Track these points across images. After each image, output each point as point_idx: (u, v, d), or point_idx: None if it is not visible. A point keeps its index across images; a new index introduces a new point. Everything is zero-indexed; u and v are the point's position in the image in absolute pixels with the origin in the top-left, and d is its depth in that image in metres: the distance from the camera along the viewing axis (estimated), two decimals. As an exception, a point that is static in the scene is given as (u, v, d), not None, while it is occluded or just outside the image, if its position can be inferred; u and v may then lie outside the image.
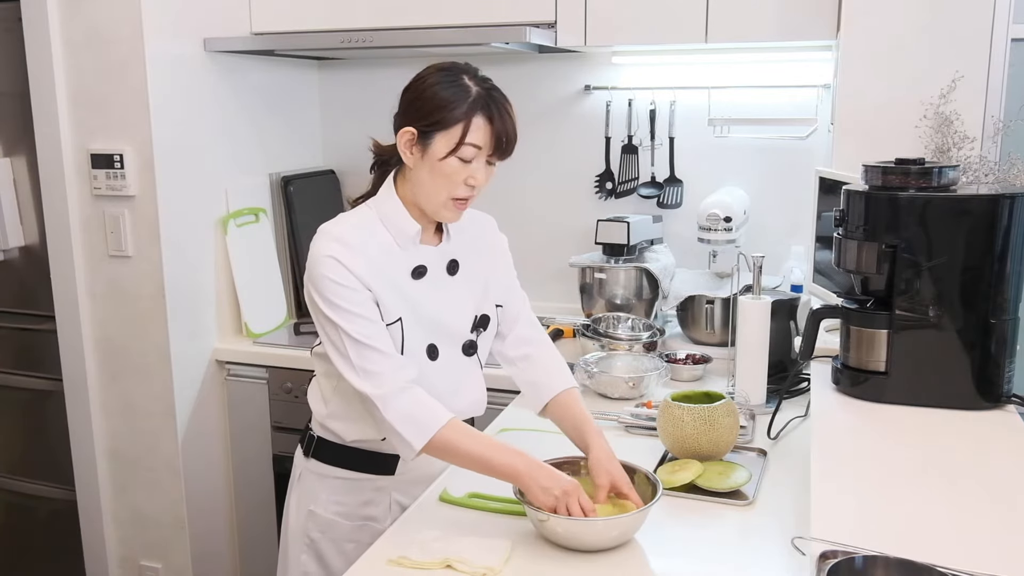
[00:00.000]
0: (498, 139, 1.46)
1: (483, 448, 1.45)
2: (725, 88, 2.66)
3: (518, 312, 1.72)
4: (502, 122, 1.45)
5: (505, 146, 1.47)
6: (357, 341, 1.45)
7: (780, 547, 1.41)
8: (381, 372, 1.45)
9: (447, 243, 1.60)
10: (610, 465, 1.48)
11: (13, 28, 2.48)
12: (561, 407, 1.64)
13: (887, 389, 1.68)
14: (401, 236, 1.53)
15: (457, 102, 1.43)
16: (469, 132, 1.43)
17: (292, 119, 3.01)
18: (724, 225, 2.46)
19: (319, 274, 1.46)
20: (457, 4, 2.51)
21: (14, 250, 2.71)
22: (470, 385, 1.64)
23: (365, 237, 1.50)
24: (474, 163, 1.46)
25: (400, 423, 1.44)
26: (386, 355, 1.46)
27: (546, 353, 1.73)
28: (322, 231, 1.51)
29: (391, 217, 1.53)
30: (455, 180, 1.46)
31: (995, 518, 1.24)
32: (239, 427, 2.70)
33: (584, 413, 1.62)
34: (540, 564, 1.36)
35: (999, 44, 2.02)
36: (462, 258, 1.61)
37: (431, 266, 1.56)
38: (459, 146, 1.44)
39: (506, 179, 2.94)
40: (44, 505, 2.83)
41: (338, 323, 1.46)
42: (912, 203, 1.64)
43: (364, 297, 1.47)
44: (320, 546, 1.65)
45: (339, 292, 1.45)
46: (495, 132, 1.45)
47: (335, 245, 1.47)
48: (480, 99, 1.44)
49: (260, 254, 2.82)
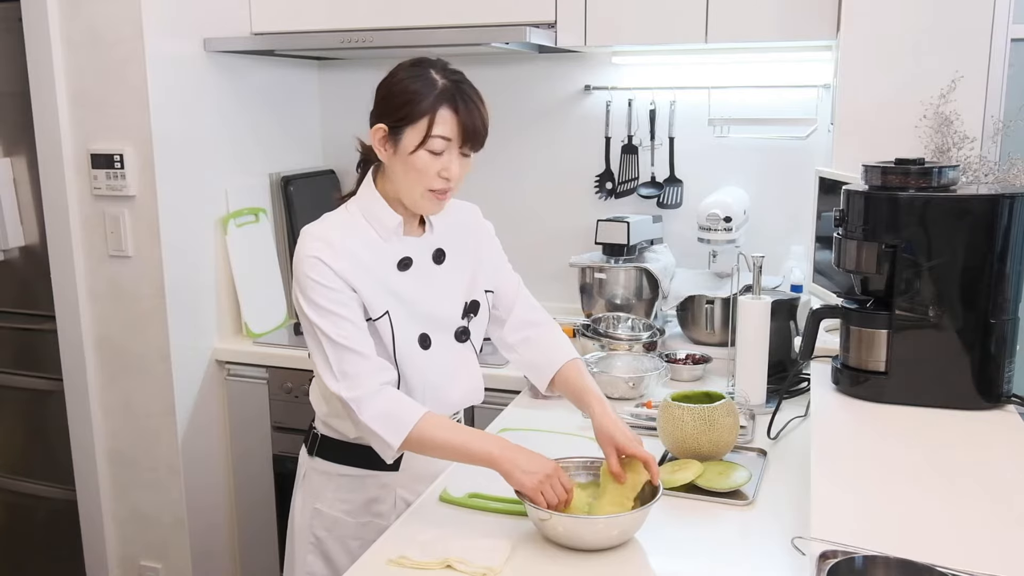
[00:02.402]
0: (465, 130, 1.46)
1: (461, 438, 1.46)
2: (725, 88, 2.66)
3: (514, 296, 1.72)
4: (468, 113, 1.46)
5: (475, 137, 1.48)
6: (335, 342, 1.46)
7: (780, 547, 1.41)
8: (357, 374, 1.46)
9: (431, 233, 1.61)
10: (613, 429, 1.49)
11: (13, 28, 2.49)
12: (563, 381, 1.66)
13: (887, 389, 1.68)
14: (383, 230, 1.55)
15: (423, 96, 1.44)
16: (435, 124, 1.44)
17: (292, 119, 3.01)
18: (724, 225, 2.46)
19: (302, 274, 1.48)
20: (457, 4, 2.51)
21: (14, 250, 2.71)
22: (466, 373, 1.65)
23: (348, 234, 1.52)
24: (445, 155, 1.47)
25: (376, 423, 1.45)
26: (364, 357, 1.48)
27: (547, 333, 1.73)
28: (305, 232, 1.53)
29: (372, 212, 1.55)
30: (428, 173, 1.47)
31: (995, 518, 1.24)
32: (239, 427, 2.70)
33: (585, 382, 1.63)
34: (540, 564, 1.36)
35: (999, 44, 2.02)
36: (448, 246, 1.63)
37: (416, 257, 1.58)
38: (426, 139, 1.45)
39: (506, 179, 2.95)
40: (44, 505, 2.83)
41: (318, 324, 1.47)
42: (912, 203, 1.64)
43: (347, 297, 1.48)
44: (326, 545, 1.65)
45: (321, 292, 1.47)
46: (461, 123, 1.45)
47: (318, 244, 1.49)
48: (446, 91, 1.45)
49: (260, 254, 2.82)
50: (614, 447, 1.48)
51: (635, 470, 1.47)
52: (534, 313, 1.74)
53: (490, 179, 2.93)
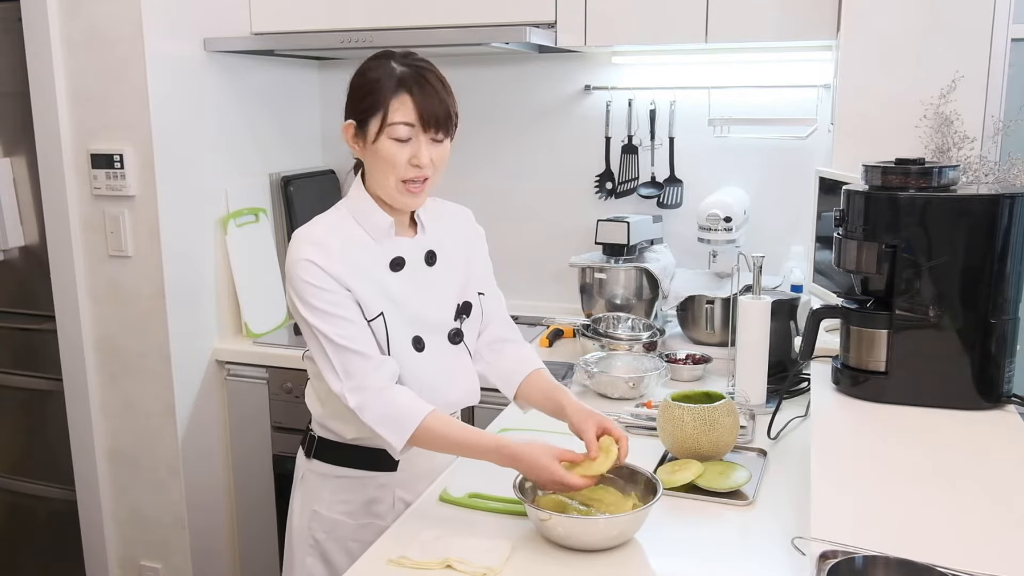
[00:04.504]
0: (424, 113, 1.46)
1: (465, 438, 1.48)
2: (725, 88, 2.66)
3: (493, 311, 1.73)
4: (424, 96, 1.46)
5: (435, 120, 1.47)
6: (335, 344, 1.47)
7: (780, 547, 1.41)
8: (360, 374, 1.47)
9: (423, 235, 1.61)
10: (591, 415, 1.50)
11: (13, 28, 2.48)
12: (531, 384, 1.66)
13: (887, 389, 1.68)
14: (375, 230, 1.55)
15: (380, 84, 1.46)
16: (393, 110, 1.45)
17: (292, 119, 3.01)
18: (724, 225, 2.46)
19: (296, 277, 1.48)
20: (457, 4, 2.51)
21: (14, 250, 2.71)
22: (461, 374, 1.65)
23: (340, 236, 1.52)
24: (412, 143, 1.47)
25: (380, 425, 1.46)
26: (365, 356, 1.48)
27: (518, 347, 1.74)
28: (296, 236, 1.53)
29: (363, 212, 1.55)
30: (397, 162, 1.48)
31: (995, 518, 1.24)
32: (239, 427, 2.70)
33: (553, 383, 1.64)
34: (540, 564, 1.36)
35: (999, 44, 2.02)
36: (439, 248, 1.63)
37: (409, 258, 1.58)
38: (384, 125, 1.46)
39: (506, 179, 2.95)
40: (44, 505, 2.83)
41: (317, 326, 1.47)
42: (912, 203, 1.64)
43: (342, 297, 1.49)
44: (325, 547, 1.65)
45: (317, 294, 1.47)
46: (418, 106, 1.46)
47: (310, 248, 1.49)
48: (403, 77, 1.46)
49: (260, 254, 2.82)
50: (593, 423, 1.49)
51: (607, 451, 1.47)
52: (510, 331, 1.75)
53: (490, 179, 2.93)
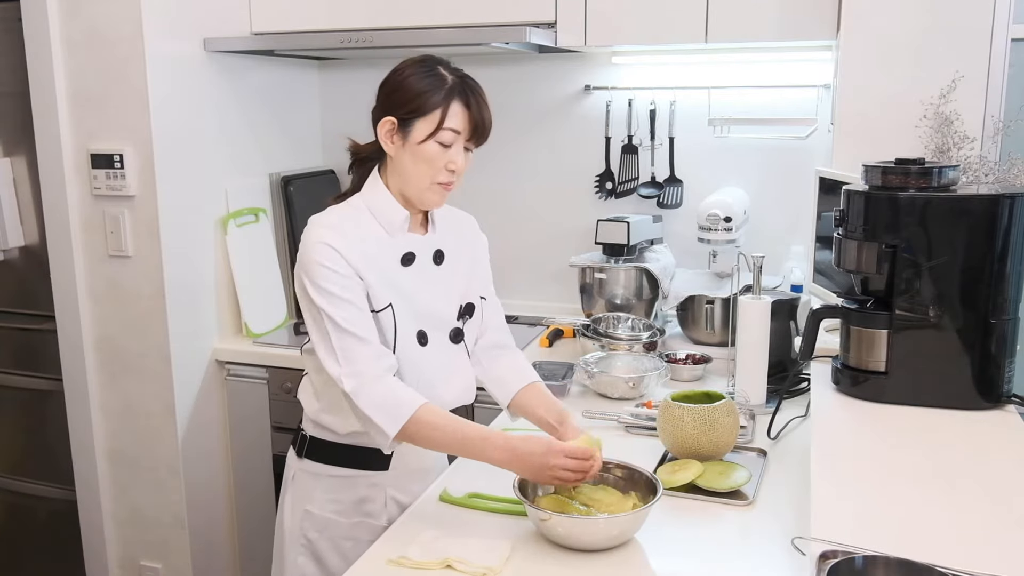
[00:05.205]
0: (475, 125, 1.53)
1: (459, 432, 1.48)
2: (725, 88, 2.66)
3: (492, 318, 1.75)
4: (478, 108, 1.52)
5: (482, 132, 1.54)
6: (340, 327, 1.48)
7: (780, 547, 1.41)
8: (360, 360, 1.48)
9: (433, 233, 1.64)
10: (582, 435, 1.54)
11: (13, 28, 2.48)
12: (530, 394, 1.67)
13: (887, 389, 1.68)
14: (389, 224, 1.57)
15: (435, 90, 1.50)
16: (448, 117, 1.50)
17: (292, 119, 3.01)
18: (724, 225, 2.46)
19: (310, 260, 1.50)
20: (457, 4, 2.51)
21: (14, 250, 2.71)
22: (459, 373, 1.67)
23: (355, 226, 1.55)
24: (453, 148, 1.52)
25: (374, 411, 1.47)
26: (366, 343, 1.49)
27: (516, 357, 1.76)
28: (313, 221, 1.55)
29: (380, 207, 1.57)
30: (436, 165, 1.52)
31: (995, 518, 1.24)
32: (239, 427, 2.70)
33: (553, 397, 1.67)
34: (540, 564, 1.37)
35: (999, 44, 2.02)
36: (447, 249, 1.65)
37: (419, 254, 1.61)
38: (438, 130, 1.50)
39: (506, 179, 2.95)
40: (44, 505, 2.83)
41: (324, 308, 1.49)
42: (912, 203, 1.64)
43: (354, 283, 1.50)
44: (317, 546, 1.65)
45: (329, 277, 1.49)
46: (472, 118, 1.52)
47: (328, 232, 1.51)
48: (456, 86, 1.51)
49: (260, 254, 2.82)
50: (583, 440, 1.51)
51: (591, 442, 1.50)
52: (507, 338, 1.76)
53: (490, 179, 2.93)
